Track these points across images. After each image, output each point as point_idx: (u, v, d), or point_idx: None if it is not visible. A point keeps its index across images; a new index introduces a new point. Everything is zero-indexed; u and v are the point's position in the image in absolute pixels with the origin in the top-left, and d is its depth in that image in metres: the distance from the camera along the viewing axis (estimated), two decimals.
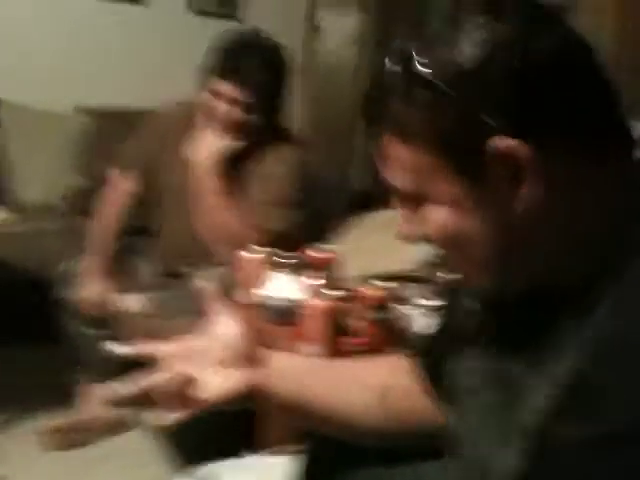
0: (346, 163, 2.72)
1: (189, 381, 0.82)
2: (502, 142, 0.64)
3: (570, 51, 0.66)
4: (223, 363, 0.85)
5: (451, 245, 0.71)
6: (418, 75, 0.66)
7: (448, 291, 0.95)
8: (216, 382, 0.83)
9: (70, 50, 3.15)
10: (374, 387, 0.93)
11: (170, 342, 0.87)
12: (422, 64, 0.66)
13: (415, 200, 0.70)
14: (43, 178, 2.93)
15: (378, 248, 2.03)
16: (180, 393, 0.81)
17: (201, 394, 0.82)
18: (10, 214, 2.66)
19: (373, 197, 2.58)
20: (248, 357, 0.86)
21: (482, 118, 0.64)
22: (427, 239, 0.73)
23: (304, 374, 0.93)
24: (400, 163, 0.69)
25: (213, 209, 1.92)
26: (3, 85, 2.90)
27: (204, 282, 1.86)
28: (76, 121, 3.09)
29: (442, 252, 0.76)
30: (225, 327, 0.88)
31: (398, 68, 0.67)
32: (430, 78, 0.65)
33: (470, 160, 0.65)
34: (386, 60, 0.69)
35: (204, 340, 0.87)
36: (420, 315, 1.55)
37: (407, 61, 0.67)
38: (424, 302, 1.65)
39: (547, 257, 0.68)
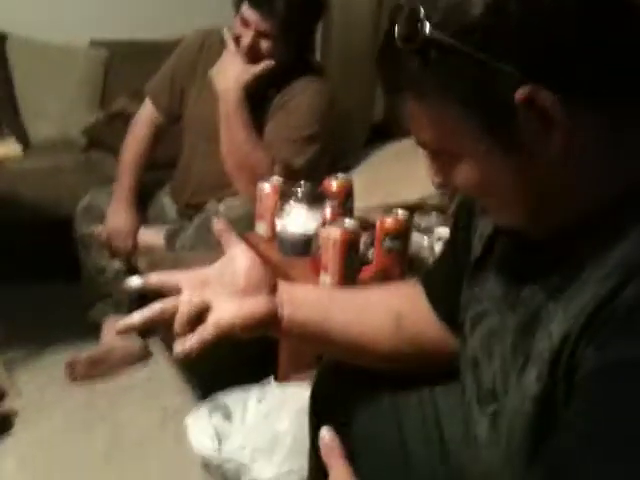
0: (365, 96, 2.67)
1: (205, 306, 0.82)
2: (526, 90, 0.61)
3: None
4: (239, 291, 0.84)
5: (483, 195, 0.70)
6: (429, 36, 0.63)
7: (457, 217, 0.93)
8: (232, 308, 0.83)
9: None
10: (389, 311, 0.93)
11: (186, 272, 0.87)
12: (432, 23, 0.63)
13: (443, 155, 0.69)
14: (58, 113, 2.90)
15: (397, 177, 2.00)
16: (196, 318, 0.82)
17: (218, 319, 0.82)
18: (25, 150, 2.65)
19: (393, 127, 2.55)
20: (264, 284, 0.86)
21: (502, 68, 0.61)
22: (457, 189, 0.72)
23: (321, 300, 0.93)
24: (423, 121, 0.67)
25: (236, 139, 1.90)
26: (10, 19, 2.85)
27: (215, 216, 1.86)
28: (90, 54, 3.04)
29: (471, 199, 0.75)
30: (240, 256, 0.87)
31: (407, 30, 0.64)
32: (442, 37, 0.62)
33: (495, 112, 0.63)
34: (390, 20, 0.66)
35: (219, 269, 0.87)
36: (438, 243, 1.53)
37: (416, 22, 0.64)
38: (441, 230, 1.63)
39: (579, 198, 0.66)
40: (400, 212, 1.38)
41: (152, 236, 2.09)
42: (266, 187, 1.60)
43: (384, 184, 1.92)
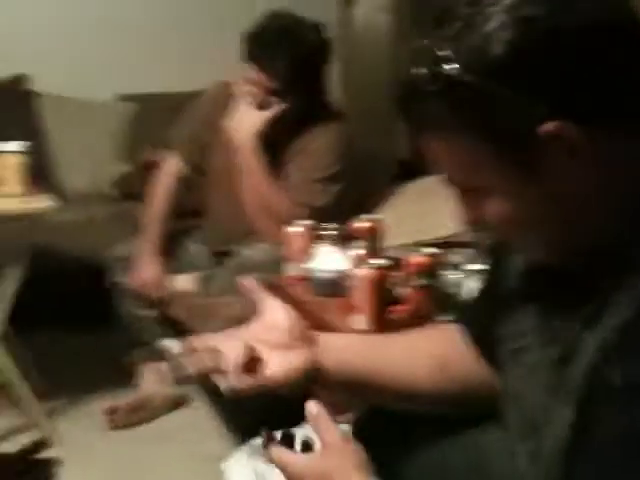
0: (388, 133, 2.71)
1: (256, 356, 0.83)
2: (553, 124, 0.62)
3: (608, 22, 0.64)
4: (281, 345, 0.85)
5: (514, 229, 0.71)
6: (448, 75, 0.64)
7: (493, 252, 0.94)
8: (275, 362, 0.84)
9: (110, 38, 3.19)
10: (433, 355, 0.93)
11: (224, 334, 0.87)
12: (456, 63, 0.64)
13: (472, 191, 0.70)
14: (89, 167, 2.98)
15: (422, 214, 2.02)
16: (247, 365, 0.82)
17: (272, 372, 0.83)
18: (58, 202, 2.73)
19: (416, 166, 2.56)
20: (301, 338, 0.87)
21: (524, 104, 0.62)
22: (489, 225, 0.73)
23: (362, 346, 0.93)
24: (450, 161, 0.68)
25: (257, 186, 1.95)
26: (42, 79, 2.95)
27: (244, 278, 1.89)
28: (118, 108, 3.14)
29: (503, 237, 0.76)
30: (277, 312, 0.87)
31: (431, 72, 0.65)
32: (467, 77, 0.63)
33: (520, 148, 0.64)
34: (412, 62, 0.67)
35: (259, 326, 0.87)
36: (469, 280, 1.54)
37: (434, 62, 0.65)
38: (472, 267, 1.64)
39: (603, 226, 0.67)
40: (429, 249, 1.40)
41: (185, 282, 2.13)
42: (293, 229, 1.64)
43: (413, 221, 1.94)
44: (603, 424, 0.63)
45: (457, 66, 0.64)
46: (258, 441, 1.65)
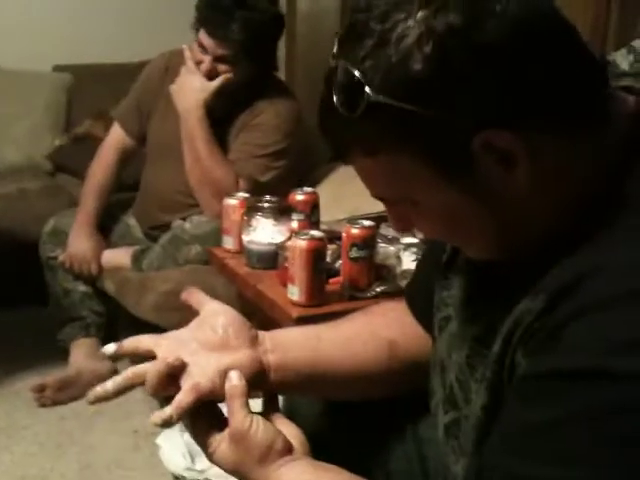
0: None
1: (179, 365, 0.78)
2: (483, 137, 0.60)
3: (528, 25, 0.60)
4: (216, 347, 0.80)
5: (447, 235, 0.71)
6: (365, 98, 0.60)
7: None
8: (211, 367, 0.79)
9: (45, 8, 3.07)
10: (380, 340, 0.90)
11: (159, 336, 0.83)
12: (374, 86, 0.60)
13: (401, 204, 0.68)
14: (22, 139, 2.88)
15: (362, 191, 2.02)
16: (170, 379, 0.78)
17: (196, 382, 0.77)
18: None
19: None
20: (243, 337, 0.82)
21: (453, 120, 0.60)
22: (420, 233, 0.73)
23: (307, 339, 0.89)
24: (377, 177, 0.66)
25: (200, 156, 1.91)
26: None
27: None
28: (53, 79, 3.04)
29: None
30: (215, 312, 0.83)
31: (348, 97, 0.62)
32: (387, 100, 0.60)
33: (454, 160, 0.62)
34: (331, 83, 0.63)
35: (195, 328, 0.82)
36: (408, 254, 1.54)
37: (356, 88, 0.61)
38: (407, 240, 1.64)
39: (542, 224, 0.66)
40: (365, 222, 1.39)
41: (118, 257, 2.08)
42: (232, 201, 1.61)
43: (350, 198, 1.93)
44: (508, 411, 0.63)
45: (374, 88, 0.60)
46: None
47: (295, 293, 1.32)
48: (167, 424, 0.76)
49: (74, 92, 3.01)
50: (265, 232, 1.51)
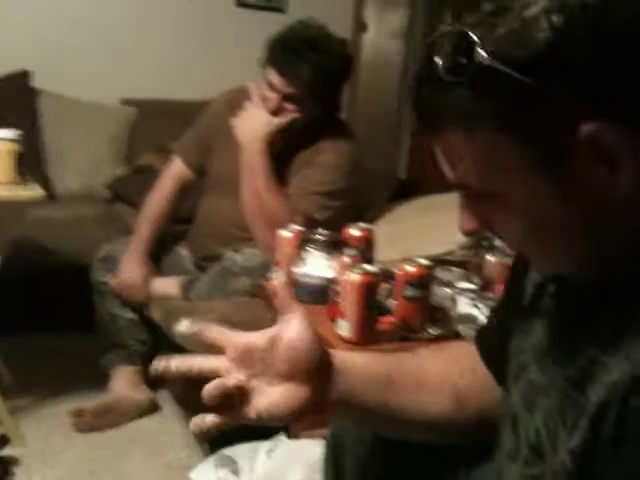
0: (391, 152, 2.69)
1: (247, 390, 0.73)
2: (590, 125, 0.55)
3: None
4: (284, 375, 0.74)
5: (528, 241, 0.64)
6: (478, 62, 0.56)
7: (512, 266, 0.87)
8: (275, 399, 0.73)
9: (115, 44, 3.17)
10: (451, 389, 0.84)
11: (236, 335, 0.77)
12: (487, 50, 0.56)
13: (484, 198, 0.63)
14: (84, 167, 2.95)
15: (418, 232, 1.98)
16: (230, 400, 0.73)
17: (261, 409, 0.73)
18: (48, 198, 2.68)
19: (414, 186, 2.55)
20: (313, 368, 0.75)
21: (563, 101, 0.55)
22: (498, 236, 0.66)
23: (378, 381, 0.82)
24: (467, 160, 0.61)
25: (258, 188, 1.90)
26: (45, 75, 2.93)
27: (277, 278, 1.83)
28: (118, 112, 3.11)
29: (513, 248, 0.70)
30: (291, 329, 0.75)
31: (457, 59, 0.58)
32: (500, 66, 0.56)
33: (554, 148, 0.57)
34: (433, 50, 0.60)
35: (269, 342, 0.75)
36: (463, 298, 1.49)
37: (462, 48, 0.57)
38: (463, 285, 1.59)
39: (636, 241, 0.60)
40: (422, 260, 1.34)
41: (167, 286, 2.07)
42: (286, 234, 1.58)
43: (405, 239, 1.89)
44: (606, 467, 0.56)
45: (488, 53, 0.56)
46: (226, 452, 1.58)
47: (344, 328, 1.27)
48: (206, 434, 0.73)
49: (138, 125, 3.08)
50: (317, 266, 1.47)
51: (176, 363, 0.75)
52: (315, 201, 1.93)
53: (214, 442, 1.65)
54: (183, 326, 0.77)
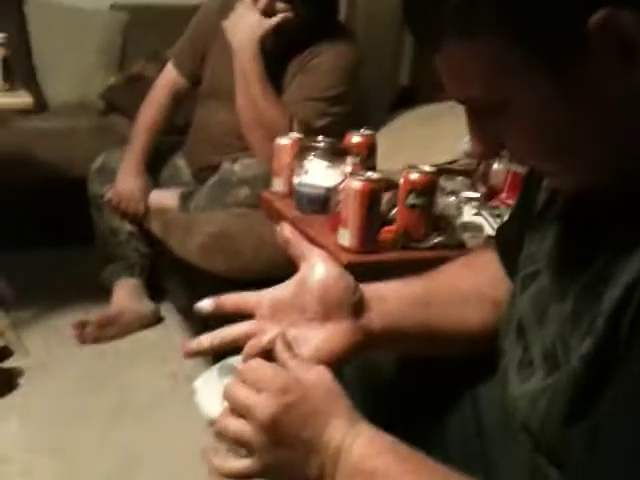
0: (393, 58, 2.60)
1: (286, 344, 0.69)
2: (602, 13, 0.50)
3: None
4: (318, 318, 0.72)
5: (542, 156, 0.60)
6: None
7: (526, 176, 0.83)
8: (319, 338, 0.71)
9: None
10: (487, 301, 0.82)
11: (258, 295, 0.75)
12: None
13: (493, 110, 0.58)
14: (75, 76, 2.86)
15: (421, 141, 1.92)
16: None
17: (301, 353, 0.70)
18: (42, 111, 2.61)
19: (417, 93, 2.47)
20: (346, 304, 0.73)
21: None
22: (511, 154, 0.62)
23: (416, 303, 0.80)
24: (470, 68, 0.57)
25: (253, 96, 1.83)
26: None
27: (287, 228, 1.80)
28: (108, 17, 2.98)
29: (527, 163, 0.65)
30: (315, 272, 0.73)
31: None
32: None
33: (564, 42, 0.52)
34: None
35: (294, 291, 0.73)
36: (468, 208, 1.45)
37: None
38: (468, 194, 1.55)
39: None
40: (426, 167, 1.30)
41: (165, 198, 2.03)
42: (284, 142, 1.53)
43: (408, 147, 1.83)
44: (624, 369, 0.54)
45: None
46: (230, 360, 1.58)
47: (346, 237, 1.24)
48: None
49: (130, 32, 2.97)
50: (317, 175, 1.42)
51: (209, 339, 0.74)
52: (314, 108, 1.86)
53: (219, 354, 1.66)
54: (203, 306, 0.75)
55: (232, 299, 0.76)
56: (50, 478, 1.52)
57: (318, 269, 0.73)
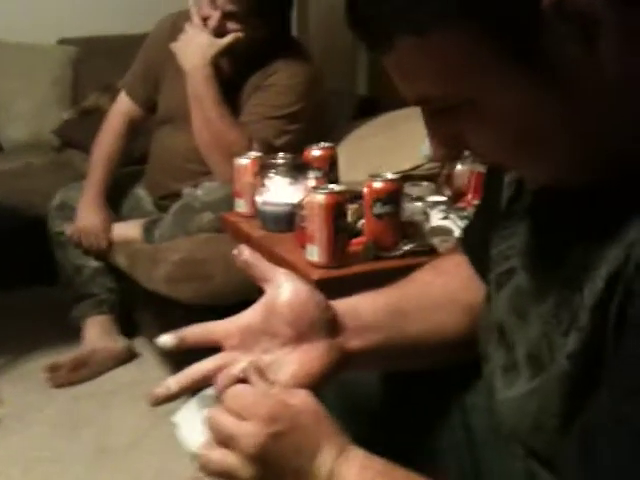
0: (349, 68, 2.60)
1: (260, 372, 0.66)
2: None
3: None
4: (292, 340, 0.69)
5: (508, 151, 0.56)
6: None
7: (487, 171, 0.81)
8: (294, 363, 0.68)
9: None
10: (460, 307, 0.79)
11: (223, 323, 0.71)
12: None
13: (453, 109, 0.55)
14: (28, 114, 2.81)
15: (383, 150, 1.90)
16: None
17: (278, 380, 0.66)
18: None
19: (379, 102, 2.46)
20: (319, 322, 0.69)
21: None
22: (476, 155, 0.59)
23: (393, 320, 0.76)
24: (424, 67, 0.54)
25: (208, 118, 1.79)
26: None
27: (245, 251, 1.76)
28: (59, 52, 2.94)
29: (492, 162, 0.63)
30: (281, 294, 0.69)
31: None
32: None
33: (523, 31, 0.50)
34: None
35: (263, 314, 0.70)
36: (436, 212, 1.43)
37: None
38: (434, 199, 1.53)
39: (630, 133, 0.53)
40: (389, 175, 1.28)
41: (128, 229, 1.99)
42: (243, 161, 1.50)
43: (370, 158, 1.81)
44: (614, 363, 0.52)
45: None
46: (208, 391, 1.54)
47: (314, 253, 1.21)
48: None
49: (80, 65, 2.94)
50: (280, 192, 1.40)
51: (177, 381, 0.70)
52: (272, 126, 1.84)
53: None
54: (164, 342, 0.70)
55: (196, 331, 0.71)
56: None
57: (284, 290, 0.69)
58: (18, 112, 2.81)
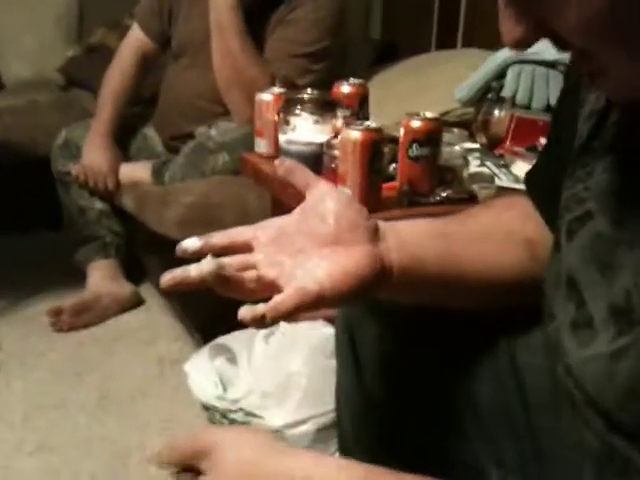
0: (362, 10, 2.48)
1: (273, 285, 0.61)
2: None
3: None
4: (329, 241, 0.63)
5: (599, 42, 0.45)
6: None
7: (558, 103, 0.72)
8: (322, 266, 0.62)
9: None
10: (517, 240, 0.72)
11: (255, 226, 0.66)
12: None
13: None
14: (32, 51, 2.68)
15: (411, 93, 1.80)
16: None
17: (303, 285, 0.60)
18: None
19: (395, 47, 2.35)
20: (361, 228, 0.64)
21: None
22: (559, 40, 0.47)
23: (435, 235, 0.69)
24: None
25: (233, 51, 1.68)
26: None
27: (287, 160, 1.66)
28: None
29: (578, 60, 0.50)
30: (325, 197, 0.65)
31: None
32: None
33: None
34: None
35: (300, 216, 0.65)
36: (472, 159, 1.34)
37: None
38: (473, 145, 1.44)
39: None
40: (428, 114, 1.18)
41: (137, 171, 1.89)
42: (265, 97, 1.40)
43: (397, 103, 1.71)
44: None
45: None
46: (220, 340, 1.46)
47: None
48: (256, 323, 0.59)
49: (86, 0, 2.78)
50: (306, 130, 1.30)
51: (195, 267, 0.62)
52: (295, 65, 1.73)
53: (207, 334, 1.54)
54: (188, 245, 0.64)
55: (221, 235, 0.65)
56: (31, 478, 1.39)
57: (326, 194, 0.65)
58: (22, 49, 2.69)
